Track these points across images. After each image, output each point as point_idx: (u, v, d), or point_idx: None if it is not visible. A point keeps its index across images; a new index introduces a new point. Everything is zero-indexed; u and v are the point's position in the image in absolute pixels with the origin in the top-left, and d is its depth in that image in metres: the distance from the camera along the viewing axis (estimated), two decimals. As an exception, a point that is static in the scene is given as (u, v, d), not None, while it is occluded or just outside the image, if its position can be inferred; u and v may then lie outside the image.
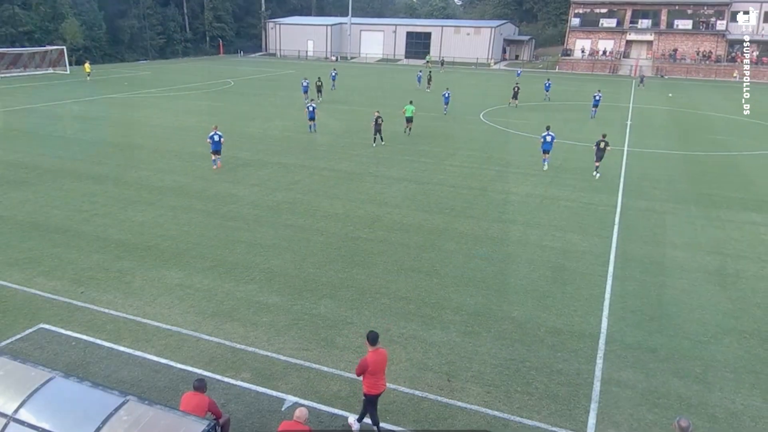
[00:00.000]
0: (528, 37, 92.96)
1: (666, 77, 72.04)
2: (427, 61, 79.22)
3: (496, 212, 18.29)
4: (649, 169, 24.46)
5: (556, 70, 77.40)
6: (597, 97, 38.52)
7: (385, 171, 22.82)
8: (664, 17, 76.31)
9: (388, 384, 9.37)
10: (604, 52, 78.60)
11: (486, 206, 18.87)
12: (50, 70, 58.64)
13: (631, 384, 9.70)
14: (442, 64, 77.51)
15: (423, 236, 16.06)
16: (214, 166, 22.69)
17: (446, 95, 38.20)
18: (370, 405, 8.15)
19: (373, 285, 13.03)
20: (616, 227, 17.24)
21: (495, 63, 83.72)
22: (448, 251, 15.06)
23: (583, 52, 79.51)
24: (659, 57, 76.19)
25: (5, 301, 11.86)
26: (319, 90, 42.27)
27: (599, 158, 22.81)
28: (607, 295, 12.84)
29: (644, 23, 77.76)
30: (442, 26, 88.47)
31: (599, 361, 10.31)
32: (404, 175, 22.36)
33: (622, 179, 22.62)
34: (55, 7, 65.17)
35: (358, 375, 8.00)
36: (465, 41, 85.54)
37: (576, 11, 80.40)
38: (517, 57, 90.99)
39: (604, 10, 79.34)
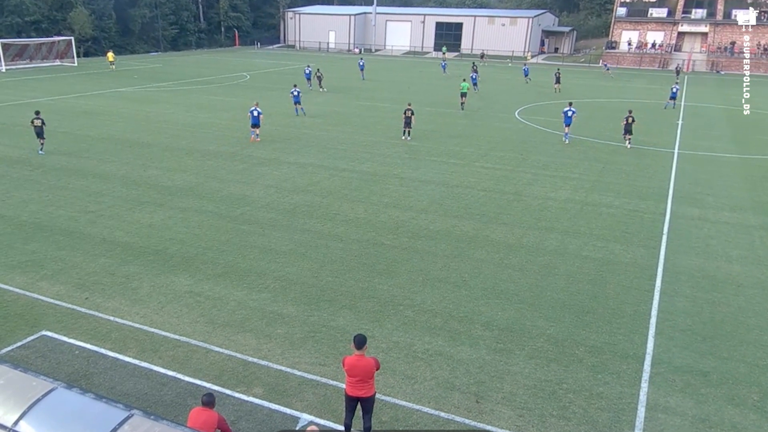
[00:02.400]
0: (569, 28, 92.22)
1: (723, 73, 70.82)
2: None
3: (532, 219, 18.16)
4: (702, 174, 24.04)
5: (600, 65, 76.63)
6: (674, 90, 41.38)
7: (410, 173, 22.84)
8: (720, 7, 75.00)
9: (410, 404, 9.38)
10: (653, 45, 77.55)
11: (520, 212, 18.75)
12: (57, 62, 60.09)
13: (680, 411, 9.52)
14: (482, 57, 77.32)
15: (451, 244, 16.02)
16: (252, 137, 27.49)
17: (474, 77, 47.21)
18: (345, 403, 8.47)
19: (396, 296, 13.03)
20: (664, 237, 16.97)
21: (532, 56, 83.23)
22: (478, 260, 14.99)
23: (629, 44, 78.55)
24: (715, 50, 74.90)
25: (6, 307, 12.14)
26: (319, 80, 45.57)
27: (627, 131, 27.94)
28: (654, 312, 12.63)
29: (698, 13, 76.55)
30: (475, 16, 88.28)
31: (644, 385, 10.14)
32: (432, 177, 22.35)
33: (671, 184, 22.28)
34: (63, -6, 66.83)
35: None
36: (500, 32, 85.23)
37: (622, 0, 79.54)
38: (556, 50, 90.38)
39: (654, -1, 78.37)
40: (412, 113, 28.20)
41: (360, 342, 8.15)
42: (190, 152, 25.16)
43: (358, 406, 8.35)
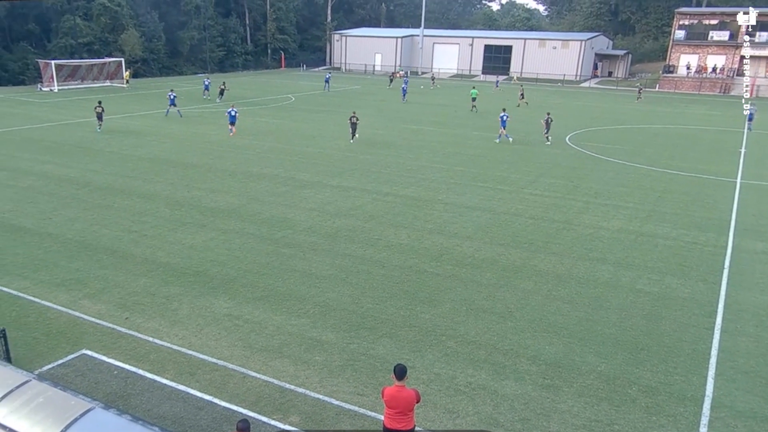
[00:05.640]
0: (624, 51, 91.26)
1: (789, 99, 68.67)
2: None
3: (582, 249, 17.83)
4: (767, 205, 23.22)
5: (656, 89, 75.40)
6: (751, 110, 41.53)
7: (456, 198, 22.78)
8: (787, 29, 73.01)
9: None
10: (714, 69, 75.92)
11: (570, 242, 18.44)
12: (107, 83, 62.57)
13: (743, 459, 9.10)
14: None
15: (497, 273, 15.84)
16: (230, 134, 34.13)
17: (404, 88, 57.05)
18: None
19: (438, 325, 12.92)
20: (725, 272, 16.40)
21: (584, 80, 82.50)
22: (525, 291, 14.77)
23: (688, 68, 77.08)
24: (781, 75, 72.74)
25: (49, 324, 12.54)
26: (221, 93, 51.44)
27: (547, 130, 35.17)
28: (714, 352, 12.17)
29: (763, 36, 74.65)
30: (525, 39, 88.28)
31: (703, 430, 9.73)
32: (477, 203, 22.23)
33: (733, 216, 21.57)
34: (116, 18, 69.85)
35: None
36: (551, 55, 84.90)
37: (681, 22, 78.31)
38: (610, 74, 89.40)
39: (714, 22, 76.85)
40: (357, 119, 33.42)
41: (401, 372, 8.09)
42: (234, 174, 25.71)
43: None
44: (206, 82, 55.38)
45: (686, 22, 78.24)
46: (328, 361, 11.43)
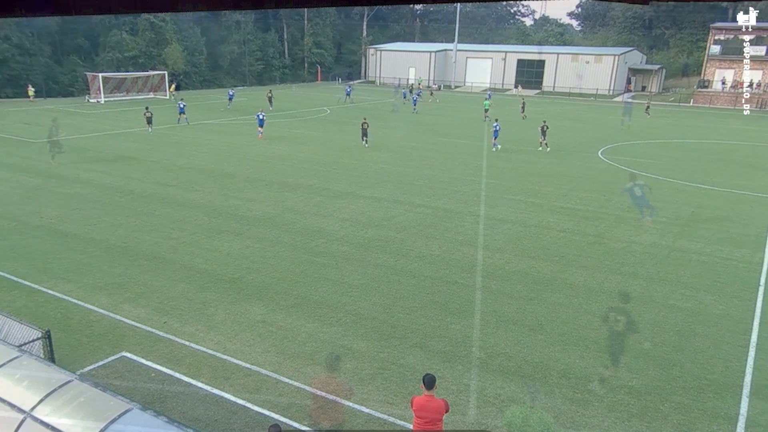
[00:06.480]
0: (657, 66, 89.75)
1: (828, 114, 66.66)
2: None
3: (614, 263, 17.52)
4: (804, 222, 22.51)
5: (691, 104, 73.98)
6: None
7: (487, 210, 22.62)
8: (826, 44, 71.07)
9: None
10: (751, 85, 74.17)
11: (602, 256, 18.13)
12: (151, 95, 64.05)
13: (778, 481, 8.78)
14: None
15: (527, 285, 15.66)
16: (259, 136, 37.35)
17: (414, 99, 57.49)
18: None
19: (468, 336, 12.81)
20: (761, 289, 15.92)
21: (617, 95, 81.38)
22: (555, 304, 14.56)
23: (723, 84, 75.47)
24: (820, 90, 70.72)
25: (92, 326, 12.81)
26: (270, 101, 54.10)
27: (543, 136, 35.57)
28: (749, 370, 11.80)
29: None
30: (558, 53, 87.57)
31: (737, 449, 9.45)
32: (509, 215, 22.05)
33: (770, 232, 20.98)
34: (160, 33, 71.69)
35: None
36: (584, 70, 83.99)
37: (716, 37, 76.78)
38: (643, 88, 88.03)
39: (751, 36, 75.15)
40: (368, 125, 36.09)
41: (430, 382, 8.05)
42: (270, 184, 25.99)
43: None
44: (231, 93, 57.52)
45: (722, 37, 76.69)
46: (359, 369, 11.42)
